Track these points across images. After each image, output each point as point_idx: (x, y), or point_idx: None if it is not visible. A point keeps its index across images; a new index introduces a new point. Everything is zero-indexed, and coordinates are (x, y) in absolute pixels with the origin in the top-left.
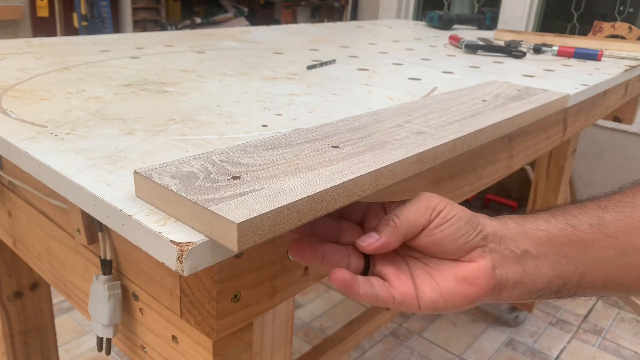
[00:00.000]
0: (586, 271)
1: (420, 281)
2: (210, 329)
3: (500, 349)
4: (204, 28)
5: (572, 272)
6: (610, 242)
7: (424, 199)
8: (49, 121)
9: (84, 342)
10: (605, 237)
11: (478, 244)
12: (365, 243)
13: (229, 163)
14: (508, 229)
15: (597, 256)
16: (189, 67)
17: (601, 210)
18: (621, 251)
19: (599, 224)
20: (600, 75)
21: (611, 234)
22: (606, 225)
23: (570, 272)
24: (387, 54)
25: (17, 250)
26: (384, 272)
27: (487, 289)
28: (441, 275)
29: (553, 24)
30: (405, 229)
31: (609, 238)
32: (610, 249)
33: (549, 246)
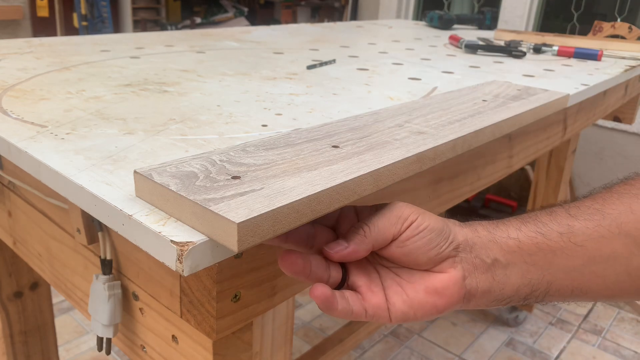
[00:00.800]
0: (554, 279)
1: (391, 293)
2: (210, 329)
3: (500, 348)
4: (204, 28)
5: (540, 280)
6: (579, 250)
7: (395, 208)
8: (49, 121)
9: (84, 341)
10: (574, 246)
11: (449, 254)
12: (333, 250)
13: (229, 163)
14: (479, 237)
15: (565, 265)
16: (189, 67)
17: (571, 218)
18: (588, 260)
19: (568, 232)
20: (600, 75)
21: (579, 242)
22: (575, 234)
23: (539, 280)
24: (387, 54)
25: (17, 250)
26: (357, 283)
27: (457, 299)
28: (412, 286)
29: (553, 24)
30: (374, 237)
31: (577, 247)
32: (578, 258)
33: (518, 255)
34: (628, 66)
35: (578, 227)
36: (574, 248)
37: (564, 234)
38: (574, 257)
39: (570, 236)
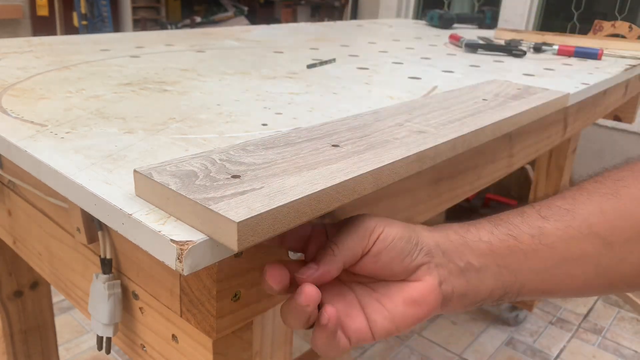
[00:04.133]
0: (526, 281)
1: (370, 311)
2: (211, 328)
3: (500, 348)
4: (204, 27)
5: (513, 282)
6: (549, 252)
7: (360, 222)
8: (48, 120)
9: (84, 341)
10: (545, 248)
11: (422, 260)
12: (304, 275)
13: (229, 162)
14: (450, 241)
15: (537, 266)
16: (189, 66)
17: (542, 219)
18: (559, 260)
19: (540, 234)
20: (601, 75)
21: (550, 244)
22: (546, 236)
23: (511, 282)
24: (387, 53)
25: (17, 250)
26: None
27: (435, 306)
28: (390, 300)
29: (553, 23)
30: (344, 255)
31: (548, 248)
32: (549, 259)
33: (491, 258)
34: (628, 65)
35: (549, 228)
36: (545, 250)
37: (535, 236)
38: (545, 259)
39: (542, 238)
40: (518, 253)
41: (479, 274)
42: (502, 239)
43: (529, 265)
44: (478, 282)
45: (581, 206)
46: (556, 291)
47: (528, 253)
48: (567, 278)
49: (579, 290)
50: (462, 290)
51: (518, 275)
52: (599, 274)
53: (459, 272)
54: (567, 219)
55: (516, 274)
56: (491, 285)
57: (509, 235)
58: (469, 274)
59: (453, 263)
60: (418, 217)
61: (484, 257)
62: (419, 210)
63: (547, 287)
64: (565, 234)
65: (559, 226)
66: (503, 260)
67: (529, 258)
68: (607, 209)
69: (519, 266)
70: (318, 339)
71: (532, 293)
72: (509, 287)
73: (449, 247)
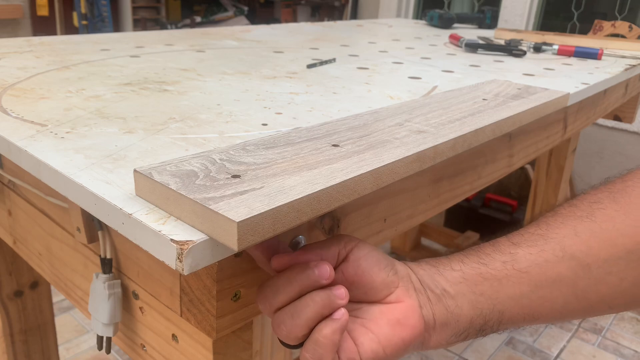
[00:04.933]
0: (504, 308)
1: (357, 335)
2: (211, 328)
3: (500, 347)
4: (204, 27)
5: (491, 310)
6: (524, 277)
7: (333, 237)
8: (49, 120)
9: (84, 341)
10: (518, 273)
11: (400, 281)
12: (280, 257)
13: (229, 162)
14: (423, 269)
15: (513, 292)
16: (189, 66)
17: (514, 246)
18: (535, 285)
19: (512, 260)
20: (601, 74)
21: (524, 269)
22: (518, 261)
23: (489, 310)
24: (387, 53)
25: (17, 249)
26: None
27: (419, 329)
28: (375, 323)
29: (553, 23)
30: (319, 253)
31: (521, 273)
32: (524, 284)
33: (464, 285)
34: (628, 65)
35: (521, 254)
36: (519, 275)
37: (507, 262)
38: (520, 284)
39: (514, 263)
40: (491, 280)
41: (456, 301)
42: (474, 267)
43: (505, 292)
44: (457, 310)
45: (555, 230)
46: (537, 316)
47: (502, 279)
48: (546, 302)
49: (560, 314)
50: (443, 319)
51: (495, 303)
52: (578, 297)
53: (436, 299)
54: (540, 244)
55: (493, 301)
56: (470, 313)
57: (480, 263)
58: (446, 300)
59: (430, 290)
60: (418, 217)
61: (457, 284)
62: (419, 210)
63: (527, 313)
64: (538, 257)
65: (531, 251)
66: (477, 287)
67: (503, 284)
68: (582, 231)
69: (495, 293)
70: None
71: (514, 320)
72: (488, 315)
73: (423, 275)
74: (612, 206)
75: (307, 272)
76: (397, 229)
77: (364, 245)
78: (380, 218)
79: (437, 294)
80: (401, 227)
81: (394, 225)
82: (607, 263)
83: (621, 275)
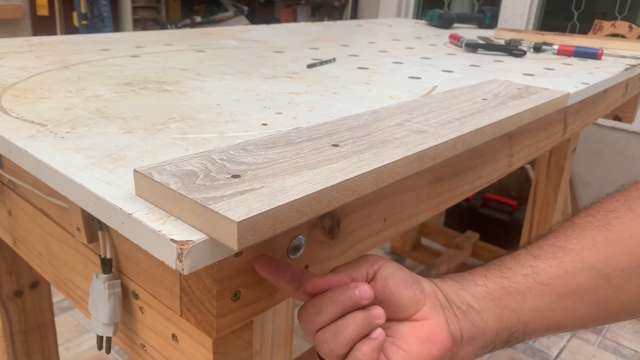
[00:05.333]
0: (528, 320)
1: (389, 353)
2: (211, 328)
3: None
4: (204, 27)
5: (516, 323)
6: (545, 289)
7: (360, 258)
8: (49, 120)
9: (84, 340)
10: (540, 285)
11: (427, 299)
12: (312, 280)
13: (229, 162)
14: (448, 286)
15: (536, 304)
16: (189, 65)
17: (534, 259)
18: (556, 297)
19: (533, 273)
20: (601, 74)
21: (545, 281)
22: (539, 274)
23: (514, 322)
24: (387, 53)
25: (17, 249)
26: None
27: (448, 345)
28: (404, 341)
29: (553, 23)
30: (349, 273)
31: (543, 286)
32: (546, 296)
33: (489, 300)
34: (628, 65)
35: (542, 266)
36: (541, 287)
37: (529, 275)
38: (542, 296)
39: (535, 276)
40: (514, 293)
41: (481, 316)
42: (496, 281)
43: (529, 304)
44: (483, 324)
45: (573, 241)
46: (561, 326)
47: (524, 292)
48: (568, 312)
49: (582, 322)
50: (470, 333)
51: (520, 315)
52: (600, 306)
53: (462, 315)
54: (559, 255)
55: (517, 314)
56: (496, 326)
57: (503, 277)
58: (471, 315)
59: (456, 306)
60: (418, 217)
61: (482, 299)
62: (419, 210)
63: (550, 324)
64: (558, 269)
65: (551, 263)
66: (501, 301)
67: (526, 297)
68: (600, 241)
69: (519, 306)
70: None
71: (538, 330)
72: (513, 327)
73: (449, 291)
74: (628, 215)
75: (349, 293)
76: (397, 229)
77: (390, 264)
78: (380, 218)
79: (463, 310)
80: (401, 227)
81: (394, 225)
82: (626, 272)
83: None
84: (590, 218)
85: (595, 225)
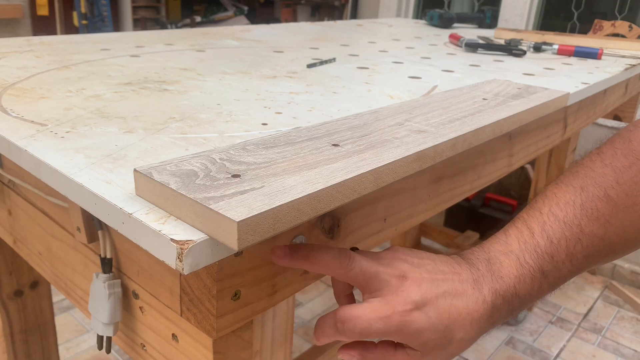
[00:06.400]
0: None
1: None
2: (211, 328)
3: (500, 347)
4: (204, 27)
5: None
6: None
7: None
8: (49, 119)
9: (84, 340)
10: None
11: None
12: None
13: (229, 161)
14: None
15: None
16: (189, 65)
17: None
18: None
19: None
20: (601, 74)
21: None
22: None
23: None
24: (387, 53)
25: (17, 249)
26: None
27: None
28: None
29: (553, 23)
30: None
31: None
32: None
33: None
34: (628, 65)
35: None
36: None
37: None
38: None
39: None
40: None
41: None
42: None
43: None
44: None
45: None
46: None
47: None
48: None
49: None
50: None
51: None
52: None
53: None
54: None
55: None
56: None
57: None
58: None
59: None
60: (418, 217)
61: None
62: (418, 210)
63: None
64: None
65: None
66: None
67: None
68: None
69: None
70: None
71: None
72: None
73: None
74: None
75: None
76: (397, 229)
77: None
78: (380, 218)
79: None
80: (401, 227)
81: (394, 225)
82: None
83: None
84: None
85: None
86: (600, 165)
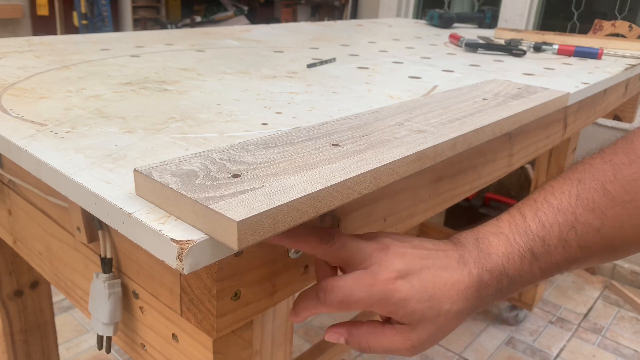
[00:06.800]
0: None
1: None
2: (211, 327)
3: (500, 347)
4: (204, 26)
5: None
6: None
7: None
8: (49, 119)
9: (84, 340)
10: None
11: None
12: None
13: (229, 161)
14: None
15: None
16: (189, 65)
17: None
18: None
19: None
20: (601, 74)
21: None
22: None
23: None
24: (387, 53)
25: (17, 249)
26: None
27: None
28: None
29: (553, 23)
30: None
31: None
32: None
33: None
34: (628, 65)
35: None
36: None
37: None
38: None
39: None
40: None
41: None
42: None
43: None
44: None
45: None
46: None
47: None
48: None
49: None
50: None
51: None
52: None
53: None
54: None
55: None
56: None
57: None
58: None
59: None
60: (418, 217)
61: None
62: (419, 210)
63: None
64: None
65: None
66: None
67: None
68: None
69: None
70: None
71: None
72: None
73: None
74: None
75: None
76: (397, 229)
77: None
78: (380, 217)
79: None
80: (401, 227)
81: (394, 225)
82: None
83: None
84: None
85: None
86: (600, 161)
